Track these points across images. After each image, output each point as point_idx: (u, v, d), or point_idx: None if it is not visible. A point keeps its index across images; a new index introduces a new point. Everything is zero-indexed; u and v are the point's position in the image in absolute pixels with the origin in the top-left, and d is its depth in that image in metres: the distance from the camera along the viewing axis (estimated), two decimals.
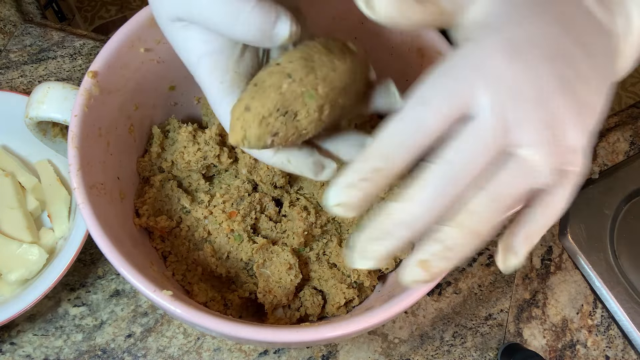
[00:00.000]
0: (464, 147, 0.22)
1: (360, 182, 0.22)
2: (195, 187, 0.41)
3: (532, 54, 0.22)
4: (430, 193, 0.22)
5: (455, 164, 0.22)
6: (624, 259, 0.52)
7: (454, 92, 0.22)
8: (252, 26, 0.26)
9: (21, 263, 0.43)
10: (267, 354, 0.45)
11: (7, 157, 0.48)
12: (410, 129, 0.22)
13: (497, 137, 0.22)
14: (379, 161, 0.22)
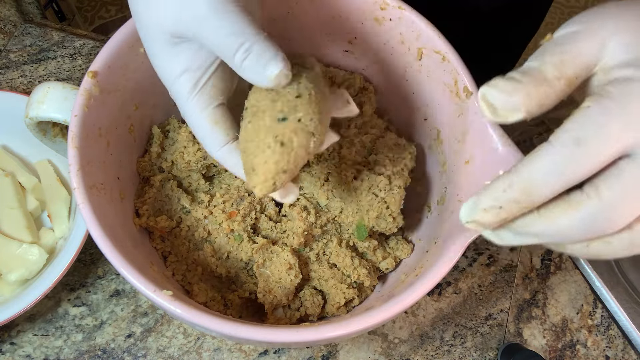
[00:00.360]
0: (620, 188, 0.21)
1: (495, 209, 0.23)
2: (195, 187, 0.41)
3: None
4: (573, 227, 0.22)
5: (608, 203, 0.21)
6: (624, 259, 0.52)
7: (616, 137, 0.21)
8: (251, 55, 0.27)
9: (21, 263, 0.43)
10: (267, 354, 0.45)
11: (7, 157, 0.48)
12: (560, 170, 0.21)
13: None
14: (519, 194, 0.22)
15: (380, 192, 0.38)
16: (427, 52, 0.38)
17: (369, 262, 0.40)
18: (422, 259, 0.36)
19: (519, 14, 0.64)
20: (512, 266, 0.51)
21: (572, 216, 0.22)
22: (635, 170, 0.21)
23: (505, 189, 0.22)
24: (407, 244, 0.41)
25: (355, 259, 0.39)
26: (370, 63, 0.43)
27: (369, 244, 0.40)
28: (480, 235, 0.27)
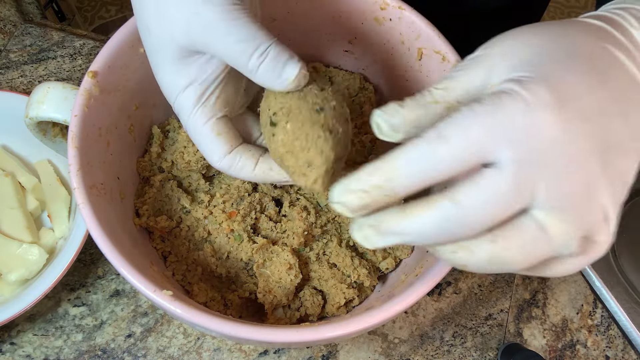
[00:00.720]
0: (476, 194, 0.21)
1: (360, 193, 0.23)
2: (195, 187, 0.41)
3: (569, 114, 0.21)
4: (429, 227, 0.22)
5: (464, 207, 0.21)
6: (624, 259, 0.52)
7: (477, 139, 0.21)
8: (267, 60, 0.27)
9: (21, 263, 0.43)
10: (267, 354, 0.45)
11: (7, 157, 0.48)
12: (421, 164, 0.22)
13: (517, 194, 0.21)
14: (382, 181, 0.22)
15: None
16: (427, 52, 0.38)
17: (369, 262, 0.40)
18: (422, 259, 0.36)
19: (518, 14, 0.64)
20: None
21: (429, 215, 0.22)
22: (494, 179, 0.21)
23: (372, 173, 0.23)
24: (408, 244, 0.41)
25: (355, 259, 0.39)
26: (370, 63, 0.43)
27: None
28: None
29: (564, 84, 0.22)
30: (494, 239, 0.22)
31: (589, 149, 0.21)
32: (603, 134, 0.22)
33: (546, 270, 0.24)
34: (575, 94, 0.22)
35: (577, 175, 0.21)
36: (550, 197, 0.21)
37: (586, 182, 0.21)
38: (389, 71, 0.42)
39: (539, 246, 0.22)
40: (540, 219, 0.21)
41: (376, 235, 0.24)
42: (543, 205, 0.21)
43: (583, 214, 0.22)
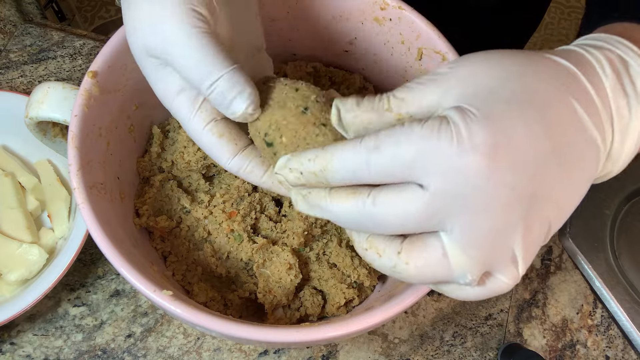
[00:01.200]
0: (393, 202, 0.23)
1: (297, 172, 0.25)
2: (195, 187, 0.41)
3: (499, 163, 0.21)
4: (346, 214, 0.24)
5: (379, 208, 0.23)
6: (624, 259, 0.52)
7: (407, 159, 0.22)
8: (215, 92, 0.27)
9: (21, 263, 0.43)
10: (267, 354, 0.45)
11: (7, 157, 0.48)
12: (354, 165, 0.23)
13: (430, 217, 0.22)
14: (317, 169, 0.24)
15: None
16: (427, 52, 0.38)
17: None
18: None
19: (518, 14, 0.64)
20: None
21: (348, 204, 0.24)
22: (414, 196, 0.22)
23: (311, 159, 0.24)
24: None
25: (355, 259, 0.39)
26: (370, 63, 0.43)
27: None
28: None
29: (505, 130, 0.22)
30: (400, 251, 0.24)
31: (511, 199, 0.22)
32: (532, 185, 0.22)
33: (444, 288, 0.25)
34: (514, 144, 0.22)
35: (490, 221, 0.22)
36: (462, 232, 0.22)
37: (501, 228, 0.22)
38: (388, 71, 0.42)
39: (438, 269, 0.23)
40: (446, 246, 0.23)
41: (304, 204, 0.26)
42: (454, 237, 0.22)
43: (488, 255, 0.22)
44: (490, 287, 0.24)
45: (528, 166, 0.22)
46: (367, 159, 0.23)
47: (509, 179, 0.21)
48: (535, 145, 0.22)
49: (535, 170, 0.22)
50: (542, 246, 0.52)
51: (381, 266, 0.25)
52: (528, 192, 0.22)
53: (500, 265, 0.23)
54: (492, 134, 0.21)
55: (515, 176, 0.22)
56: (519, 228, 0.22)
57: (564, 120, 0.23)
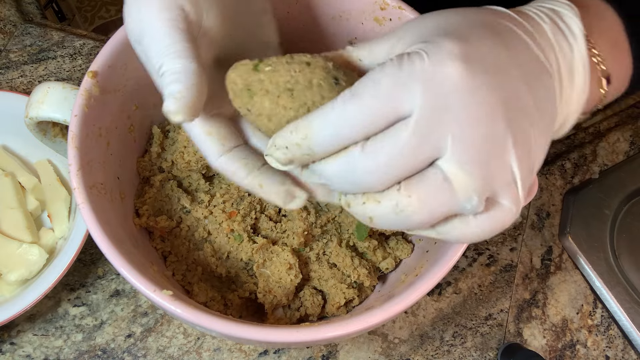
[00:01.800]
0: (383, 143, 0.22)
1: (283, 148, 0.24)
2: (195, 187, 0.41)
3: (475, 67, 0.22)
4: (338, 171, 0.23)
5: (370, 155, 0.22)
6: (624, 259, 0.52)
7: (387, 91, 0.22)
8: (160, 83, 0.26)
9: (21, 263, 0.43)
10: (267, 354, 0.45)
11: (7, 157, 0.48)
12: (335, 121, 0.23)
13: (423, 142, 0.22)
14: (299, 139, 0.23)
15: None
16: None
17: (369, 262, 0.40)
18: (422, 259, 0.36)
19: None
20: (512, 266, 0.51)
21: (338, 161, 0.23)
22: (402, 128, 0.22)
23: (292, 131, 0.24)
24: (407, 244, 0.41)
25: (355, 259, 0.39)
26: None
27: (369, 244, 0.40)
28: None
29: (470, 41, 0.23)
30: (399, 188, 0.23)
31: (494, 102, 0.22)
32: (507, 92, 0.22)
33: (450, 230, 0.24)
34: (481, 52, 0.22)
35: (482, 128, 0.22)
36: (455, 148, 0.22)
37: (492, 135, 0.22)
38: None
39: (442, 198, 0.22)
40: (445, 170, 0.22)
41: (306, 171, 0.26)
42: (449, 157, 0.22)
43: (488, 168, 0.22)
44: (495, 215, 0.23)
45: (499, 72, 0.22)
46: (346, 109, 0.22)
47: (488, 81, 0.22)
48: (500, 55, 0.23)
49: (505, 76, 0.23)
50: (542, 246, 0.52)
51: (383, 214, 0.23)
52: (506, 98, 0.22)
53: (501, 185, 0.23)
54: (461, 44, 0.22)
55: (492, 78, 0.22)
56: (509, 139, 0.22)
57: (518, 45, 0.24)
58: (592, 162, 0.56)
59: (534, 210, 0.54)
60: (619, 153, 0.57)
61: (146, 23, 0.26)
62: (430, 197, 0.22)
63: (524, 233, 0.52)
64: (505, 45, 0.23)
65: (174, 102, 0.24)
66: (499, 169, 0.22)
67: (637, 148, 0.57)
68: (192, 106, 0.24)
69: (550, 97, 0.25)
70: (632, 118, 0.59)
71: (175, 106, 0.24)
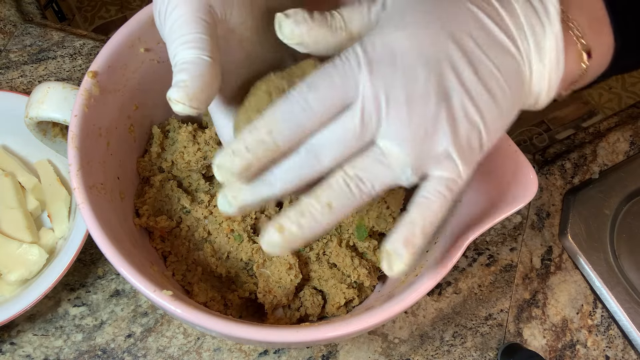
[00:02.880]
0: (332, 130, 0.24)
1: (244, 152, 0.24)
2: (195, 187, 0.41)
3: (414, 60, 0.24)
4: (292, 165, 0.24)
5: (321, 143, 0.24)
6: (624, 259, 0.52)
7: (338, 82, 0.24)
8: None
9: (21, 263, 0.43)
10: (267, 354, 0.45)
11: (7, 157, 0.48)
12: (295, 109, 0.24)
13: (365, 126, 0.24)
14: (264, 134, 0.24)
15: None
16: None
17: (369, 262, 0.40)
18: (422, 259, 0.36)
19: None
20: (512, 266, 0.51)
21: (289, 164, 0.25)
22: (348, 120, 0.24)
23: (253, 130, 0.24)
24: None
25: (355, 259, 0.39)
26: None
27: (369, 244, 0.40)
28: (480, 235, 0.27)
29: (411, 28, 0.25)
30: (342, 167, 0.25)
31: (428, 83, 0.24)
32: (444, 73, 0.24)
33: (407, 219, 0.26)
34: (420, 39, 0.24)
35: (415, 107, 0.24)
36: (389, 127, 0.24)
37: (423, 114, 0.24)
38: None
39: (380, 170, 0.24)
40: (381, 146, 0.24)
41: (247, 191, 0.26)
42: (384, 135, 0.24)
43: (420, 145, 0.24)
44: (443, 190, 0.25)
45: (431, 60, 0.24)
46: (306, 100, 0.24)
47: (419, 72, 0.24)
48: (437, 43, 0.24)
49: (438, 64, 0.24)
50: (542, 246, 0.52)
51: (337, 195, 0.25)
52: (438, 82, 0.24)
53: (434, 156, 0.24)
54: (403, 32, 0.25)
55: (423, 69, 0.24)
56: (442, 117, 0.24)
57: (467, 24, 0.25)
58: (592, 162, 0.56)
59: (534, 210, 0.54)
60: (619, 153, 0.57)
61: (172, 7, 0.26)
62: (369, 171, 0.24)
63: (524, 233, 0.52)
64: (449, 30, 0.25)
65: (177, 91, 0.25)
66: (433, 144, 0.24)
67: (637, 148, 0.57)
68: (193, 97, 0.25)
69: (510, 74, 0.26)
70: (632, 118, 0.59)
71: (176, 94, 0.25)
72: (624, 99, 1.32)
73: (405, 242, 0.25)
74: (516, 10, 0.26)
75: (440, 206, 0.25)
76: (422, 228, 0.25)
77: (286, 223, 0.24)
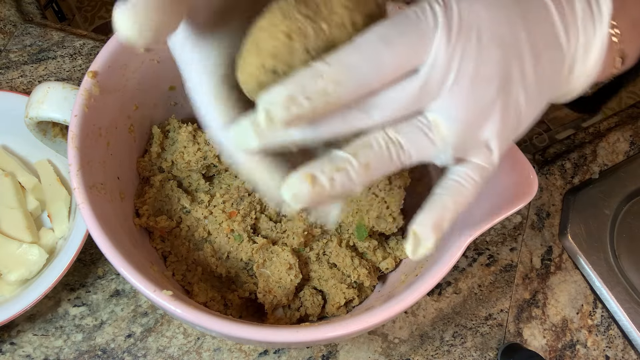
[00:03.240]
0: (393, 95, 0.23)
1: (303, 101, 0.21)
2: (195, 187, 0.41)
3: (490, 39, 0.23)
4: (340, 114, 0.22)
5: (375, 100, 0.23)
6: (624, 259, 0.52)
7: (415, 40, 0.22)
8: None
9: (21, 263, 0.43)
10: (267, 354, 0.45)
11: (7, 157, 0.48)
12: (366, 65, 0.21)
13: (425, 93, 0.23)
14: (329, 84, 0.21)
15: (380, 192, 0.38)
16: None
17: (369, 262, 0.40)
18: (422, 259, 0.36)
19: None
20: (512, 266, 0.51)
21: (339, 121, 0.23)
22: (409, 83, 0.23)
23: (317, 77, 0.21)
24: None
25: (355, 259, 0.39)
26: None
27: (369, 244, 0.40)
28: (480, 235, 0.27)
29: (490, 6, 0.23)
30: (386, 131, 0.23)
31: (495, 70, 0.23)
32: (510, 63, 0.23)
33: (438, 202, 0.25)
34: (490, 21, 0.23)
35: (476, 90, 0.23)
36: (446, 103, 0.23)
37: (482, 98, 0.23)
38: None
39: (423, 143, 0.24)
40: (431, 119, 0.23)
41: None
42: (439, 108, 0.23)
43: (469, 128, 0.23)
44: (476, 176, 0.25)
45: (504, 45, 0.23)
46: (379, 54, 0.21)
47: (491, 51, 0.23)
48: (512, 26, 0.23)
49: (510, 49, 0.23)
50: (542, 246, 0.52)
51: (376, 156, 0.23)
52: (507, 67, 0.23)
53: (476, 143, 0.24)
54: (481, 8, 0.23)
55: (497, 51, 0.23)
56: (497, 105, 0.23)
57: (538, 14, 0.24)
58: (592, 162, 0.56)
59: (534, 210, 0.54)
60: (619, 153, 0.57)
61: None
62: (412, 138, 0.23)
63: (524, 233, 0.52)
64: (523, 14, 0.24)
65: (118, 11, 0.20)
66: (478, 129, 0.24)
67: (637, 148, 0.57)
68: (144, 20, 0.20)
69: (555, 72, 0.25)
70: (632, 118, 0.59)
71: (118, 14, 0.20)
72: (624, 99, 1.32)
73: (434, 227, 0.24)
74: (576, 6, 0.25)
75: (471, 193, 0.25)
76: (453, 213, 0.24)
77: (319, 174, 0.22)
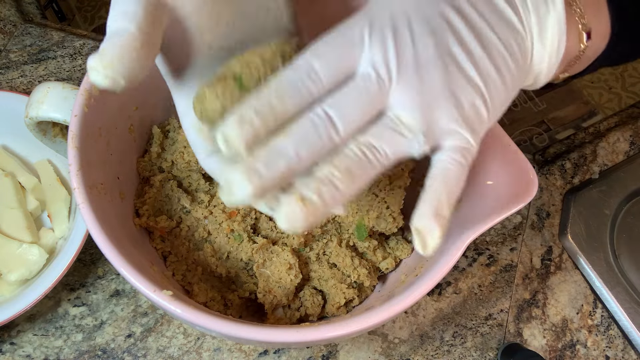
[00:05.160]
0: (340, 98, 0.24)
1: (253, 117, 0.23)
2: (195, 187, 0.41)
3: (420, 24, 0.24)
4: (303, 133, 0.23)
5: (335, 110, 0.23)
6: (624, 259, 0.52)
7: (343, 48, 0.24)
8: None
9: (21, 263, 0.43)
10: (267, 354, 0.45)
11: (7, 157, 0.48)
12: (302, 75, 0.23)
13: (377, 91, 0.24)
14: (273, 98, 0.23)
15: (381, 192, 0.38)
16: None
17: (369, 262, 0.40)
18: (422, 259, 0.36)
19: None
20: (512, 266, 0.51)
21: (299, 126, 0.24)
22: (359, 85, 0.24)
23: (261, 97, 0.23)
24: (407, 244, 0.41)
25: (355, 259, 0.39)
26: None
27: (369, 244, 0.40)
28: (480, 235, 0.27)
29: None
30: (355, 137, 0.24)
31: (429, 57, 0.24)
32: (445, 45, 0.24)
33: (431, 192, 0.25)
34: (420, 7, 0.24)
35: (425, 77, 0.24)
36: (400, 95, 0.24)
37: (432, 82, 0.24)
38: None
39: (393, 138, 0.24)
40: (393, 115, 0.24)
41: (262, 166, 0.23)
42: (396, 102, 0.24)
43: (428, 109, 0.24)
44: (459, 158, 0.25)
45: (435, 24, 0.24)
46: (311, 65, 0.24)
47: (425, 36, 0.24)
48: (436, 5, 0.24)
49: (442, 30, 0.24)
50: (542, 246, 0.52)
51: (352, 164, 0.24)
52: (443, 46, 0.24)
53: (444, 125, 0.24)
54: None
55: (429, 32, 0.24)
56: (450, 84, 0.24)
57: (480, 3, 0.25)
58: (592, 162, 0.56)
59: (534, 210, 0.54)
60: (619, 153, 0.57)
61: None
62: (383, 139, 0.24)
63: (524, 233, 0.52)
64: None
65: (92, 57, 0.23)
66: (439, 111, 0.24)
67: (637, 148, 0.57)
68: (108, 65, 0.22)
69: (509, 47, 0.25)
70: (632, 118, 0.59)
71: (91, 61, 0.22)
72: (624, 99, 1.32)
73: (434, 215, 0.24)
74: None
75: (459, 173, 0.25)
76: (448, 196, 0.24)
77: (306, 192, 0.22)
